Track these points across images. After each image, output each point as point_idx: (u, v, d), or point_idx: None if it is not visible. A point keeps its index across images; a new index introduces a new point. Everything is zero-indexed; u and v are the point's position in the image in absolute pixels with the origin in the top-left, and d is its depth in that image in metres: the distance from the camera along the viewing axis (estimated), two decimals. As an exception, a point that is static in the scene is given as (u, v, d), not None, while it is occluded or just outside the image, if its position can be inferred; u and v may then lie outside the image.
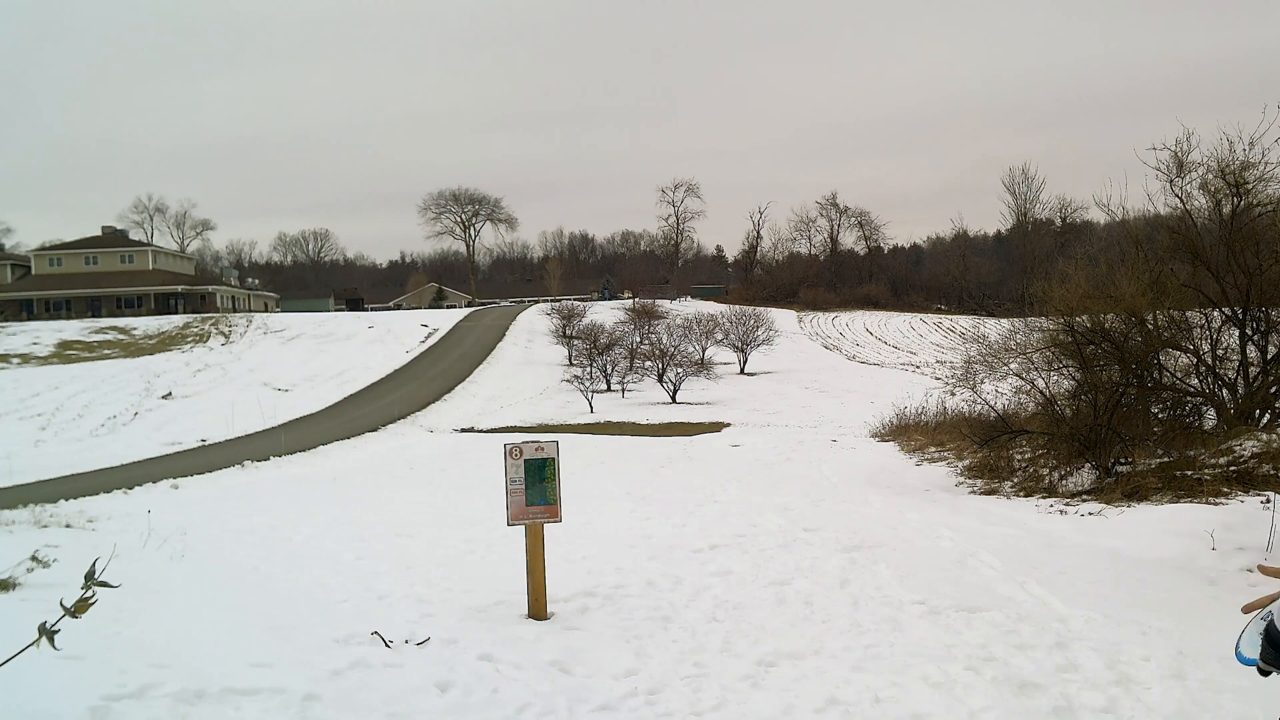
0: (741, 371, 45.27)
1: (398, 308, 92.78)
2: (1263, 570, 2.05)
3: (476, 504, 11.05)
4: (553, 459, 5.61)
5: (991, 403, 14.43)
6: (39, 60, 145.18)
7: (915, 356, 54.21)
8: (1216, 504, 8.52)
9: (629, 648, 4.92)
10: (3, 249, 78.55)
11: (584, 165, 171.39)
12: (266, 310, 76.80)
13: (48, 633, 1.50)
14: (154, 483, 16.95)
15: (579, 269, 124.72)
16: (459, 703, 3.99)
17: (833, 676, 4.39)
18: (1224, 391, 12.15)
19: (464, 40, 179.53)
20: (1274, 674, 1.85)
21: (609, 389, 38.55)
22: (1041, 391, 13.05)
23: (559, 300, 74.41)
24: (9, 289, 66.55)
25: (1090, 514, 9.39)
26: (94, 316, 61.96)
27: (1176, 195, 12.37)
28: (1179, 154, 12.18)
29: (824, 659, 4.68)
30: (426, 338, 53.97)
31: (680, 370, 37.18)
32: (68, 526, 9.79)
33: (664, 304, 68.40)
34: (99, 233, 75.54)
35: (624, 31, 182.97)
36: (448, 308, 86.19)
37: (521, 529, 5.66)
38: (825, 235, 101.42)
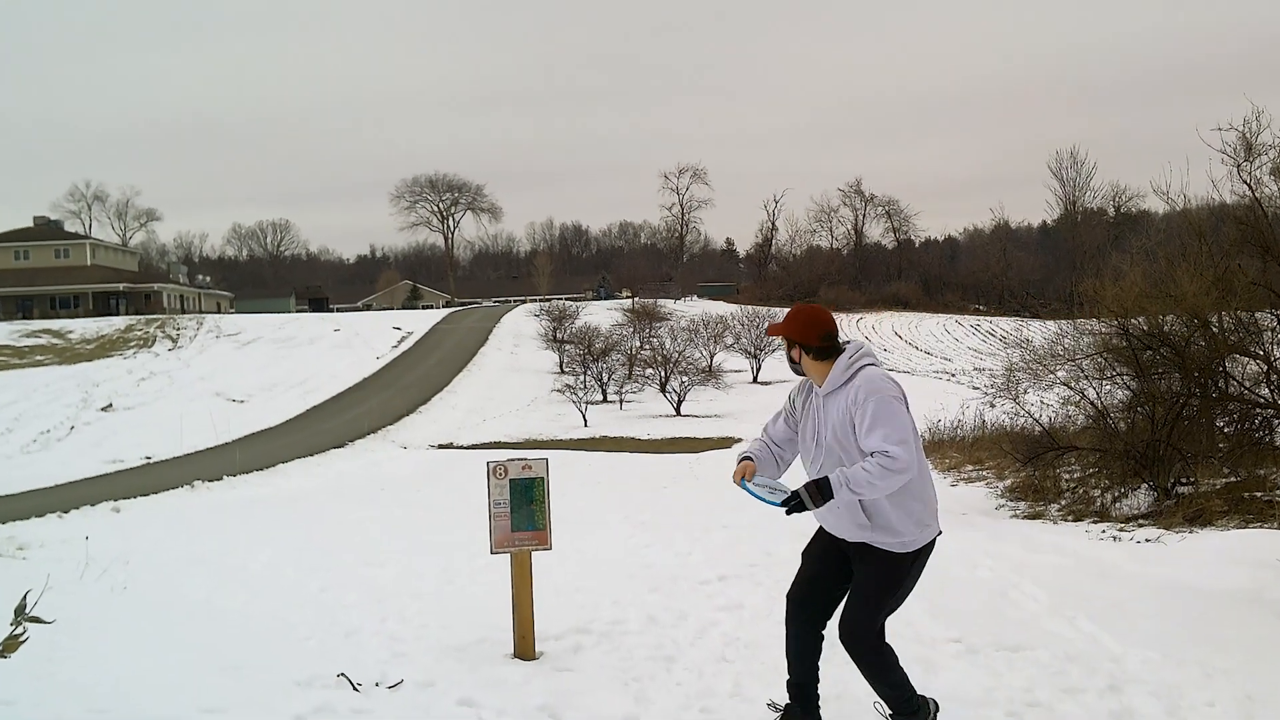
0: (754, 380, 45.28)
1: (367, 308, 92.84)
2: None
3: (455, 529, 11.05)
4: (542, 479, 5.62)
5: (1036, 415, 14.43)
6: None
7: (950, 363, 54.21)
8: (1290, 529, 8.52)
9: (628, 691, 4.92)
10: (-78, 242, 78.63)
11: (577, 149, 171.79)
12: (219, 311, 76.87)
13: (-24, 671, 1.51)
14: (92, 505, 16.94)
15: (571, 265, 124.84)
16: (436, 753, 3.99)
17: (857, 723, 4.39)
18: (1298, 402, 12.15)
19: (443, 8, 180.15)
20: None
21: (605, 400, 38.56)
22: (1092, 403, 13.05)
23: (549, 300, 74.44)
24: (-71, 287, 66.63)
25: (1147, 540, 9.39)
26: (24, 318, 62.00)
27: (1244, 181, 12.35)
28: (1247, 135, 12.17)
29: (847, 704, 4.68)
30: (399, 342, 53.97)
31: (685, 379, 37.21)
32: (-5, 554, 9.78)
33: (667, 304, 68.42)
34: (30, 224, 75.66)
35: (625, 0, 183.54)
36: (423, 308, 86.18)
37: (506, 557, 5.66)
38: (849, 227, 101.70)
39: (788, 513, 3.81)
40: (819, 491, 3.71)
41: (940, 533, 4.05)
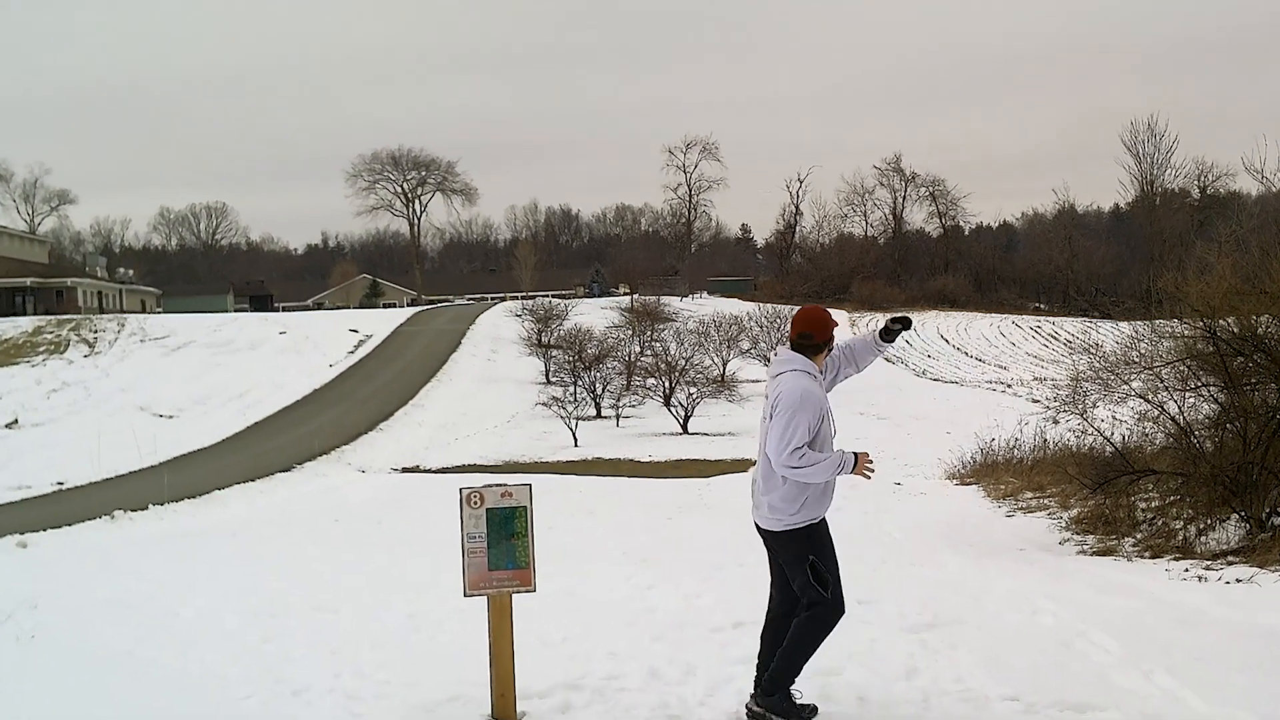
0: (775, 391, 45.27)
1: (318, 307, 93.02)
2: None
3: (423, 567, 11.06)
4: (524, 507, 5.64)
5: (1107, 433, 14.44)
6: None
7: (1006, 372, 54.27)
8: (1406, 568, 8.53)
9: (626, 758, 4.92)
10: None
11: (566, 119, 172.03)
12: (144, 310, 76.94)
13: None
14: (-6, 539, 16.94)
15: (559, 256, 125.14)
16: (400, 831, 4.00)
17: (896, 796, 4.40)
18: None
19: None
20: None
21: (599, 415, 38.59)
22: (1173, 418, 13.06)
23: (532, 297, 74.52)
24: None
25: (1238, 580, 9.39)
26: (-85, 318, 62.03)
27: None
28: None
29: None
30: (357, 346, 54.05)
31: (694, 390, 37.22)
32: (-120, 597, 9.78)
33: (671, 302, 68.52)
34: (-79, 208, 75.77)
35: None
36: (385, 307, 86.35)
37: (483, 601, 5.67)
38: (886, 211, 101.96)
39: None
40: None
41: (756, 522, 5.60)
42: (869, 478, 5.44)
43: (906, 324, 5.80)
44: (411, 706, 5.71)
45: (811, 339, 5.60)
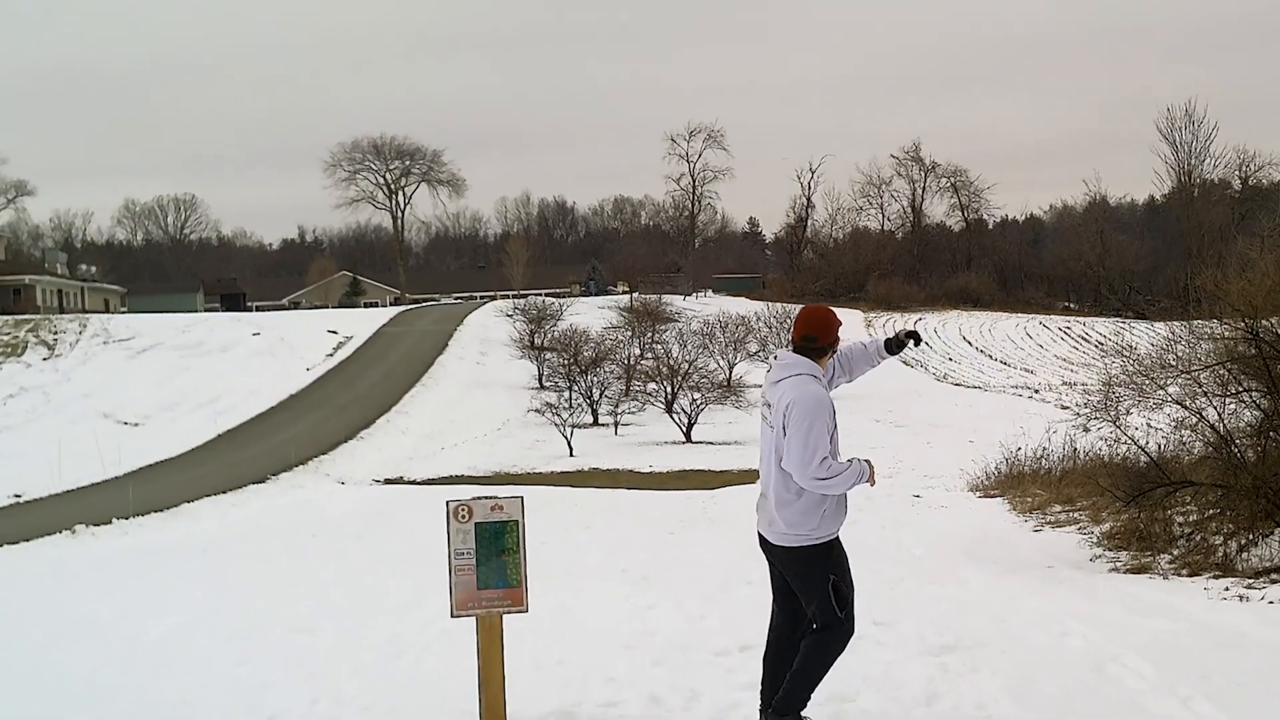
0: (785, 397, 45.24)
1: (294, 307, 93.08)
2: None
3: (407, 586, 11.07)
4: (516, 522, 5.64)
5: (1142, 442, 14.44)
6: None
7: (1033, 376, 54.28)
8: None
9: (625, 790, 4.93)
10: None
11: (561, 105, 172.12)
12: (108, 310, 77.00)
13: None
14: (-53, 556, 16.95)
15: (554, 251, 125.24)
16: None
17: (915, 831, 4.41)
18: None
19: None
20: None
21: (596, 422, 38.59)
22: (1213, 426, 13.07)
23: (525, 296, 74.54)
24: None
25: (1282, 600, 9.40)
26: None
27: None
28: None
29: None
30: (336, 349, 54.06)
31: (698, 396, 37.22)
32: None
33: (674, 301, 68.55)
34: None
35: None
36: (366, 306, 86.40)
37: (471, 622, 5.68)
38: (905, 203, 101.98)
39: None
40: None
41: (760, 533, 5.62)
42: (873, 484, 5.48)
43: (916, 340, 5.88)
44: (395, 735, 5.71)
45: (816, 341, 5.56)
